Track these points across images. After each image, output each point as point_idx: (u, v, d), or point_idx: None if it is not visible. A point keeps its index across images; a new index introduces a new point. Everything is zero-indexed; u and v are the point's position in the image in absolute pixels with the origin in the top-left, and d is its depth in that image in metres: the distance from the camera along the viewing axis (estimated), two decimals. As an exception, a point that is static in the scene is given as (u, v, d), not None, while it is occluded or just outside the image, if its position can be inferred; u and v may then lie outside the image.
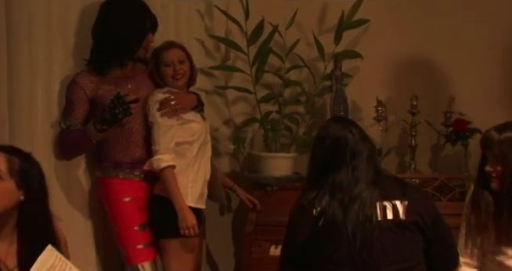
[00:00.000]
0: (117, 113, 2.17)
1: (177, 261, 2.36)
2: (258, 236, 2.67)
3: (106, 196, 2.43)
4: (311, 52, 2.91)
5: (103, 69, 2.35)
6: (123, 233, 2.37)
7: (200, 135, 2.42)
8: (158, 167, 2.30)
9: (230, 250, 2.97)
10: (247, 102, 2.98)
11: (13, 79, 2.24)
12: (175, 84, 2.39)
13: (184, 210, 2.30)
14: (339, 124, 1.95)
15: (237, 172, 2.97)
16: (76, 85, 2.34)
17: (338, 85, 2.81)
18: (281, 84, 2.89)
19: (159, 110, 2.32)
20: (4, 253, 1.63)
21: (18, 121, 2.26)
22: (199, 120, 2.44)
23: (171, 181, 2.29)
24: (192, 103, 2.43)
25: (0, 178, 1.60)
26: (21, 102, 2.27)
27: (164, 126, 2.32)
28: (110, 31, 2.32)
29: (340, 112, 2.80)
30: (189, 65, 2.42)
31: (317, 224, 1.83)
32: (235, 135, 2.97)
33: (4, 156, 1.63)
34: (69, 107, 2.34)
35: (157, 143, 2.31)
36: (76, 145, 2.33)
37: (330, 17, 2.89)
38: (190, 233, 2.29)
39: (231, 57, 2.93)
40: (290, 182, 2.75)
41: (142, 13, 2.38)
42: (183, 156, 2.37)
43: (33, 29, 2.28)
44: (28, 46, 2.28)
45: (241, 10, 2.78)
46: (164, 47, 2.40)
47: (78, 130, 2.32)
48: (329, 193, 1.85)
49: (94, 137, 2.27)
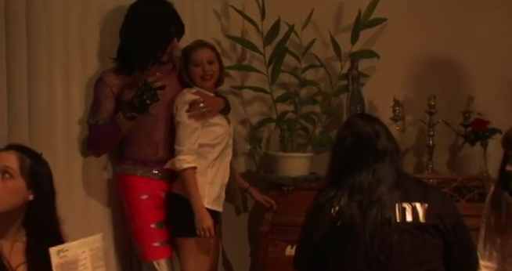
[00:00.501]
0: (144, 98, 2.17)
1: (192, 260, 2.35)
2: (274, 236, 2.64)
3: (124, 192, 2.42)
4: (328, 52, 2.87)
5: (128, 70, 2.34)
6: (139, 230, 2.37)
7: (223, 138, 2.40)
8: (180, 167, 2.29)
9: (246, 250, 2.94)
10: (263, 102, 2.95)
11: (33, 79, 2.23)
12: (204, 84, 2.36)
13: (202, 211, 2.28)
14: (363, 121, 1.86)
15: (253, 172, 2.94)
16: (102, 83, 2.34)
17: (355, 85, 2.76)
18: (297, 83, 2.85)
19: (188, 111, 2.30)
20: (8, 251, 1.62)
21: (37, 119, 2.26)
22: (224, 123, 2.42)
23: (192, 182, 2.28)
24: (220, 107, 2.41)
25: (11, 176, 1.61)
26: (40, 102, 2.26)
27: (190, 128, 2.30)
28: (136, 35, 2.31)
29: (356, 112, 2.75)
30: (218, 65, 2.39)
31: (335, 223, 1.78)
32: (251, 135, 2.93)
33: (15, 155, 1.64)
34: (96, 104, 2.34)
35: (181, 144, 2.30)
36: (105, 137, 2.32)
37: (347, 16, 2.85)
38: (206, 235, 2.28)
39: (247, 57, 2.90)
40: (307, 182, 2.71)
41: (168, 18, 2.36)
42: (204, 157, 2.35)
43: (52, 30, 2.28)
44: (47, 47, 2.28)
45: (257, 10, 2.75)
46: (194, 46, 2.38)
47: (107, 122, 2.32)
48: (348, 194, 1.79)
49: (124, 125, 2.27)
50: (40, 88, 2.24)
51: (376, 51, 2.79)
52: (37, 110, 2.23)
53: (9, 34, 2.13)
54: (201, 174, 2.34)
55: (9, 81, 2.14)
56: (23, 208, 1.63)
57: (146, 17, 2.32)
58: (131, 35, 2.33)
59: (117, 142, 2.37)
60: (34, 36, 2.20)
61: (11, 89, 2.15)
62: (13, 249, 1.62)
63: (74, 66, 2.37)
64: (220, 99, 2.46)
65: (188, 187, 2.29)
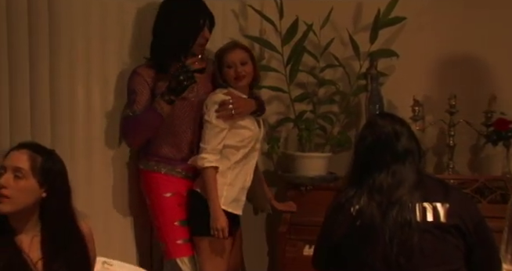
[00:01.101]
0: (181, 79, 2.18)
1: (208, 260, 2.32)
2: (292, 236, 2.60)
3: (147, 189, 2.40)
4: (346, 51, 2.81)
5: (162, 66, 2.33)
6: (163, 227, 2.34)
7: (248, 142, 2.35)
8: (202, 165, 2.26)
9: (264, 249, 2.90)
10: (281, 101, 2.90)
11: (55, 79, 2.23)
12: (237, 85, 2.33)
13: (217, 211, 2.25)
14: (383, 121, 1.80)
15: (271, 172, 2.90)
16: (138, 75, 2.32)
17: (374, 84, 2.71)
18: (315, 83, 2.80)
19: (217, 111, 2.27)
20: (28, 246, 1.62)
21: (59, 119, 2.25)
22: (253, 127, 2.36)
23: (211, 181, 2.26)
24: (251, 109, 2.36)
25: (23, 175, 1.60)
26: (62, 101, 2.26)
27: (218, 128, 2.27)
28: (166, 27, 2.31)
29: (375, 111, 2.69)
30: (251, 66, 2.35)
31: (355, 222, 1.73)
32: (269, 135, 2.88)
33: (27, 154, 1.62)
34: (132, 96, 2.31)
35: (206, 142, 2.27)
36: (145, 125, 2.28)
37: (366, 15, 2.79)
38: (219, 235, 2.25)
39: (265, 57, 2.86)
40: (325, 182, 2.66)
41: (197, 10, 2.35)
42: (226, 158, 2.32)
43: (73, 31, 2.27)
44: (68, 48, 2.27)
45: (275, 9, 2.70)
46: (227, 48, 2.35)
47: (144, 111, 2.28)
48: (368, 194, 1.74)
49: (162, 109, 2.24)
50: (61, 88, 2.24)
51: (396, 50, 2.72)
52: (58, 109, 2.23)
53: (32, 35, 2.13)
54: (221, 174, 2.31)
55: (32, 82, 2.15)
56: (38, 205, 1.63)
57: (176, 11, 2.34)
58: (162, 28, 2.34)
59: (156, 129, 2.32)
60: (55, 37, 2.20)
61: (33, 89, 2.16)
62: (33, 243, 1.63)
63: (95, 66, 2.36)
64: (251, 100, 2.39)
65: (207, 186, 2.27)
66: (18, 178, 1.60)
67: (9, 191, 1.58)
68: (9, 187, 1.58)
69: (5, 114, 2.07)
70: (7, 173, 1.60)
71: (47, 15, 2.18)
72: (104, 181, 2.41)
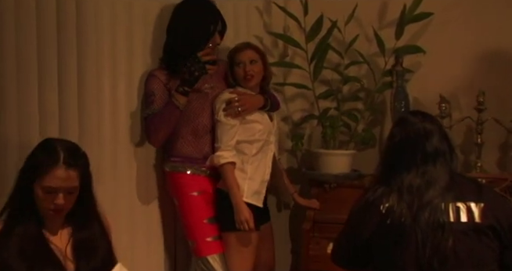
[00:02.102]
0: (193, 70, 2.19)
1: (235, 254, 2.30)
2: (316, 234, 2.55)
3: (174, 190, 2.38)
4: (371, 48, 2.72)
5: (172, 66, 2.32)
6: (193, 225, 2.32)
7: (260, 135, 2.35)
8: (218, 163, 2.28)
9: (287, 246, 2.84)
10: (305, 98, 2.83)
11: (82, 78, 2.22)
12: (246, 84, 2.34)
13: (239, 204, 2.25)
14: (414, 119, 1.71)
15: (295, 169, 2.84)
16: (154, 77, 2.32)
17: (399, 81, 2.62)
18: (340, 80, 2.72)
19: (224, 110, 2.28)
20: (56, 237, 1.65)
21: (87, 117, 2.24)
22: (263, 120, 2.37)
23: (230, 176, 2.27)
24: (258, 104, 2.35)
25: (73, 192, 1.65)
26: (89, 100, 2.24)
27: (228, 125, 2.29)
28: (177, 30, 2.32)
29: (400, 108, 2.60)
30: (261, 65, 2.35)
31: (384, 221, 1.65)
32: (293, 132, 2.83)
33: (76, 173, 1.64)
34: (149, 97, 2.32)
35: (219, 141, 2.29)
36: (163, 120, 2.28)
37: (391, 11, 2.69)
38: (244, 227, 2.24)
39: (289, 54, 2.79)
40: (349, 180, 2.59)
41: (209, 16, 2.35)
42: (242, 153, 2.33)
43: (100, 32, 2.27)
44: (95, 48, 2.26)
45: (299, 6, 2.63)
46: (239, 47, 2.37)
47: (162, 108, 2.29)
48: (397, 193, 1.65)
49: (178, 101, 2.25)
50: (89, 87, 2.24)
51: (422, 46, 2.62)
52: (86, 108, 2.23)
53: (60, 34, 2.14)
54: (241, 170, 2.31)
55: (60, 81, 2.15)
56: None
57: (189, 14, 2.33)
58: (174, 32, 2.34)
59: (174, 123, 2.31)
60: (83, 36, 2.20)
61: (62, 88, 2.16)
62: (62, 234, 1.66)
63: (121, 65, 2.35)
64: (258, 96, 2.39)
65: (227, 181, 2.27)
66: (70, 194, 1.64)
67: (64, 205, 1.63)
68: (64, 203, 1.63)
69: (35, 111, 2.06)
70: (61, 193, 1.61)
71: (75, 15, 2.18)
72: (129, 178, 2.39)
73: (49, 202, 1.61)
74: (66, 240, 1.67)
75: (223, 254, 2.31)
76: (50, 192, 1.61)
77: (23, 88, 2.04)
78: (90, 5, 2.21)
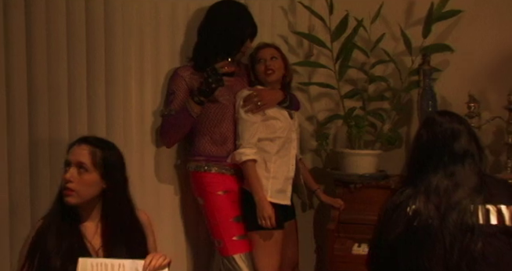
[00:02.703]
0: (210, 82, 2.18)
1: (261, 252, 2.28)
2: (341, 234, 2.50)
3: (200, 189, 2.36)
4: (398, 46, 2.65)
5: (203, 66, 2.30)
6: (219, 225, 2.30)
7: (281, 132, 2.32)
8: (240, 160, 2.26)
9: (311, 246, 2.80)
10: (331, 98, 2.78)
11: (110, 80, 2.24)
12: (267, 79, 2.34)
13: (262, 201, 2.23)
14: (441, 119, 1.65)
15: (320, 169, 2.79)
16: (178, 76, 2.31)
17: (426, 80, 2.54)
18: (365, 79, 2.66)
19: (243, 106, 2.27)
20: (92, 233, 1.67)
21: (114, 117, 2.25)
22: (283, 117, 2.35)
23: (252, 174, 2.25)
24: (277, 99, 2.34)
25: (85, 169, 1.64)
26: (117, 101, 2.26)
27: (248, 122, 2.27)
28: (214, 34, 2.31)
29: (428, 108, 2.52)
30: (282, 63, 2.36)
31: (411, 223, 1.59)
32: (318, 132, 2.78)
33: (88, 149, 1.66)
34: (170, 96, 2.32)
35: (241, 138, 2.27)
36: (177, 125, 2.28)
37: (418, 9, 2.62)
38: (267, 224, 2.22)
39: (314, 53, 2.75)
40: (374, 180, 2.53)
41: (245, 20, 2.36)
42: (264, 151, 2.30)
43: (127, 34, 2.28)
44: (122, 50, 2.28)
45: (324, 5, 2.58)
46: (260, 47, 2.39)
47: (178, 111, 2.29)
48: (425, 194, 1.59)
49: (193, 110, 2.25)
50: (116, 88, 2.25)
51: (450, 44, 2.54)
52: (113, 108, 2.24)
53: (89, 35, 2.16)
54: (264, 168, 2.29)
55: (89, 82, 2.17)
56: (101, 195, 1.68)
57: (226, 18, 2.33)
58: (210, 33, 2.33)
59: (187, 129, 2.32)
60: (111, 41, 2.21)
61: (90, 89, 2.18)
62: (97, 231, 1.66)
63: (147, 67, 2.36)
64: (277, 91, 2.38)
65: (248, 179, 2.26)
66: (81, 173, 1.64)
67: (74, 185, 1.63)
68: (74, 181, 1.63)
69: (64, 110, 2.10)
70: (72, 168, 1.65)
71: (103, 16, 2.19)
72: (155, 177, 2.38)
73: (63, 179, 1.65)
74: (100, 240, 1.67)
75: (249, 253, 2.29)
76: (65, 168, 1.66)
77: (53, 88, 2.08)
78: (118, 6, 2.22)
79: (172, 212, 2.45)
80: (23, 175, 2.03)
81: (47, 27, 2.06)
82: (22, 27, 2.01)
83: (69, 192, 1.62)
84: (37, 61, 2.05)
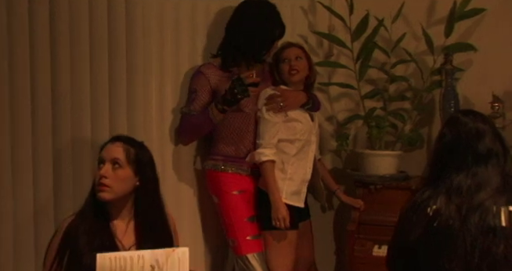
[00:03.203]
0: (235, 92, 2.13)
1: (275, 252, 2.27)
2: (361, 235, 2.46)
3: (215, 188, 2.35)
4: (419, 46, 2.59)
5: (230, 66, 2.29)
6: (234, 224, 2.29)
7: (302, 135, 2.29)
8: (259, 160, 2.24)
9: (331, 247, 2.76)
10: (351, 98, 2.74)
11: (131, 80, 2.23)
12: (291, 79, 2.30)
13: (277, 202, 2.21)
14: (465, 119, 1.59)
15: (340, 170, 2.75)
16: (201, 75, 2.28)
17: (449, 80, 2.48)
18: (386, 79, 2.61)
19: (266, 105, 2.24)
20: (122, 232, 1.67)
21: (135, 116, 2.25)
22: (304, 120, 2.32)
23: (269, 174, 2.23)
24: (300, 101, 2.30)
25: (120, 165, 1.66)
26: (138, 100, 2.26)
27: (270, 122, 2.25)
28: (243, 33, 2.27)
29: (450, 108, 2.46)
30: (306, 64, 2.32)
31: (431, 224, 1.55)
32: (338, 132, 2.74)
33: (121, 146, 1.69)
34: (192, 95, 2.29)
35: (261, 137, 2.25)
36: (196, 126, 2.27)
37: (440, 8, 2.56)
38: (281, 225, 2.20)
39: (334, 53, 2.71)
40: (395, 181, 2.48)
41: (275, 22, 2.32)
42: (283, 152, 2.28)
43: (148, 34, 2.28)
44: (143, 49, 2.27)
45: (344, 5, 2.55)
46: (284, 46, 2.35)
47: (200, 113, 2.26)
48: (446, 195, 1.55)
49: (215, 117, 2.22)
50: (137, 89, 2.25)
51: (473, 43, 2.48)
52: (134, 108, 2.24)
53: (111, 40, 2.17)
54: (281, 170, 2.26)
55: (110, 83, 2.18)
56: (133, 193, 1.69)
57: (256, 17, 2.29)
58: (239, 32, 2.28)
59: (206, 132, 2.31)
60: (132, 41, 2.22)
61: (112, 90, 2.19)
62: (128, 229, 1.67)
63: (168, 68, 2.35)
64: (301, 92, 2.34)
65: (266, 179, 2.23)
66: (116, 169, 1.66)
67: (108, 181, 1.64)
68: (108, 177, 1.64)
69: (87, 111, 2.13)
70: (106, 164, 1.66)
71: (124, 17, 2.20)
72: (176, 175, 2.38)
73: (97, 175, 1.66)
74: (131, 239, 1.67)
75: (262, 253, 2.27)
76: (100, 166, 1.67)
77: (75, 88, 2.10)
78: (138, 6, 2.22)
79: (191, 210, 2.44)
80: (47, 175, 2.05)
81: (70, 28, 2.08)
82: (46, 28, 2.04)
83: (103, 187, 1.63)
84: (61, 62, 2.06)
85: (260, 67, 2.34)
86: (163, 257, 1.55)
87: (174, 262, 1.55)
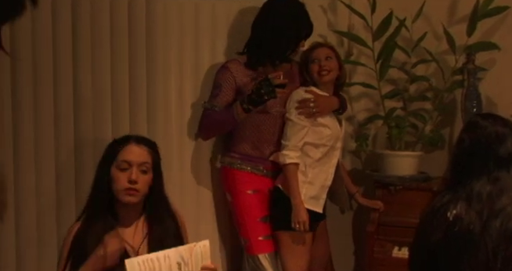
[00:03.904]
0: (262, 93, 2.07)
1: (289, 253, 2.23)
2: (380, 236, 2.41)
3: (229, 185, 2.32)
4: (440, 45, 2.53)
5: (255, 65, 2.25)
6: (246, 224, 2.26)
7: (328, 140, 2.24)
8: (284, 161, 2.20)
9: (350, 248, 2.71)
10: (371, 98, 2.68)
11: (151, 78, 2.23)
12: (321, 80, 2.23)
13: (299, 205, 2.17)
14: (485, 122, 1.53)
15: (359, 170, 2.70)
16: (227, 70, 2.22)
17: (471, 80, 2.41)
18: (406, 79, 2.55)
19: (297, 108, 2.19)
20: (131, 236, 1.66)
21: (155, 115, 2.25)
22: (333, 125, 2.25)
23: (293, 177, 2.18)
24: (332, 107, 2.25)
25: (147, 169, 1.67)
26: (157, 99, 2.25)
27: (299, 125, 2.19)
28: (269, 32, 2.21)
29: (472, 109, 2.39)
30: (337, 64, 2.26)
31: (452, 229, 1.49)
32: (357, 133, 2.69)
33: (147, 150, 1.69)
34: (216, 90, 2.23)
35: (288, 139, 2.20)
36: (218, 123, 2.22)
37: (462, 6, 2.49)
38: (300, 228, 2.17)
39: (353, 53, 2.66)
40: (415, 182, 2.42)
41: (303, 21, 2.26)
42: (306, 156, 2.23)
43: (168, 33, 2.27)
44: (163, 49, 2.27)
45: (365, 4, 2.49)
46: (314, 46, 2.29)
47: (223, 110, 2.21)
48: (466, 201, 1.49)
49: (238, 116, 2.15)
50: (157, 87, 2.24)
51: (497, 42, 2.41)
52: (154, 106, 2.24)
53: (131, 39, 2.17)
54: (302, 172, 2.22)
55: (131, 81, 2.18)
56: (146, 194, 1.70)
57: (284, 15, 2.22)
58: (265, 30, 2.21)
59: (228, 130, 2.27)
60: (152, 40, 2.21)
61: (132, 88, 2.19)
62: (136, 233, 1.66)
63: (187, 66, 2.33)
64: (334, 98, 2.27)
65: (289, 181, 2.19)
66: (143, 173, 1.66)
67: (138, 185, 1.64)
68: (139, 182, 1.64)
69: (107, 109, 2.13)
70: (134, 168, 1.64)
71: (144, 15, 2.20)
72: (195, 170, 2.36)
73: (124, 180, 1.63)
74: (140, 238, 1.66)
75: (274, 253, 2.24)
76: (125, 168, 1.64)
77: (96, 86, 2.11)
78: (159, 6, 2.21)
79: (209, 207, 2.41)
80: (69, 173, 2.07)
81: (91, 29, 2.10)
82: (68, 30, 2.06)
83: (133, 192, 1.62)
84: (82, 62, 2.08)
85: (287, 67, 2.30)
86: (187, 253, 1.56)
87: (197, 256, 1.57)
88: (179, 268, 1.54)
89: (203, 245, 1.58)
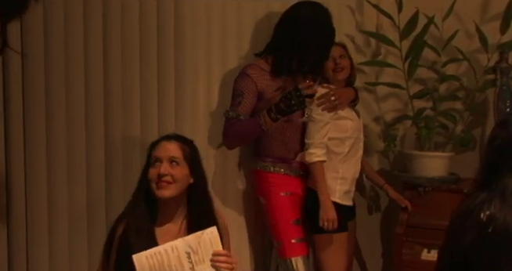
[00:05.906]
0: (292, 104, 2.00)
1: (329, 255, 2.16)
2: (409, 238, 2.30)
3: (263, 189, 2.24)
4: (472, 44, 2.39)
5: (279, 73, 2.13)
6: (279, 226, 2.17)
7: (352, 133, 2.18)
8: (310, 160, 2.13)
9: (378, 250, 2.59)
10: (399, 98, 2.56)
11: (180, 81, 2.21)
12: (335, 77, 2.21)
13: (326, 203, 2.10)
14: None
15: (387, 171, 2.57)
16: (247, 77, 2.11)
17: (504, 79, 2.28)
18: (436, 78, 2.42)
19: (318, 105, 2.12)
20: (175, 234, 1.61)
21: (183, 117, 2.23)
22: (353, 117, 2.22)
23: (319, 175, 2.12)
24: (351, 97, 2.21)
25: (177, 163, 1.64)
26: (186, 102, 2.23)
27: (321, 122, 2.13)
28: (301, 44, 2.08)
29: (505, 109, 2.26)
30: (349, 61, 2.25)
31: (485, 229, 1.39)
32: (385, 133, 2.57)
33: (177, 144, 1.66)
34: (238, 97, 2.11)
35: (312, 137, 2.14)
36: (245, 133, 2.11)
37: (496, 4, 2.35)
38: (329, 226, 2.09)
39: (381, 52, 2.54)
40: (445, 184, 2.30)
41: (331, 27, 2.14)
42: (334, 152, 2.16)
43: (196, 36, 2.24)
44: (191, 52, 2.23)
45: (392, 3, 2.38)
46: None
47: (248, 119, 2.10)
48: (500, 199, 1.39)
49: (266, 125, 2.04)
50: (185, 88, 2.21)
51: (532, 40, 2.26)
52: (183, 107, 2.21)
53: (160, 41, 2.15)
54: (333, 169, 2.15)
55: (159, 82, 2.16)
56: (186, 192, 1.66)
57: (309, 22, 2.09)
58: (294, 41, 2.08)
59: (254, 139, 2.19)
60: (180, 42, 2.18)
61: (160, 89, 2.16)
62: (180, 232, 1.62)
63: (215, 68, 2.29)
64: (349, 89, 2.25)
65: (316, 179, 2.13)
66: (174, 166, 1.63)
67: (169, 178, 1.61)
68: (168, 174, 1.61)
69: (136, 110, 2.11)
70: (164, 162, 1.63)
71: (173, 18, 2.17)
72: (222, 175, 2.30)
73: (154, 175, 1.62)
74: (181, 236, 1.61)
75: (307, 257, 2.16)
76: (156, 164, 1.63)
77: (126, 88, 2.10)
78: (187, 8, 2.18)
79: (237, 210, 2.35)
80: (99, 171, 2.08)
81: (121, 30, 2.10)
82: (99, 31, 2.08)
83: (164, 184, 1.60)
84: (112, 63, 2.09)
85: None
86: (195, 241, 1.52)
87: (206, 244, 1.53)
88: (189, 257, 1.51)
89: (210, 232, 1.55)
